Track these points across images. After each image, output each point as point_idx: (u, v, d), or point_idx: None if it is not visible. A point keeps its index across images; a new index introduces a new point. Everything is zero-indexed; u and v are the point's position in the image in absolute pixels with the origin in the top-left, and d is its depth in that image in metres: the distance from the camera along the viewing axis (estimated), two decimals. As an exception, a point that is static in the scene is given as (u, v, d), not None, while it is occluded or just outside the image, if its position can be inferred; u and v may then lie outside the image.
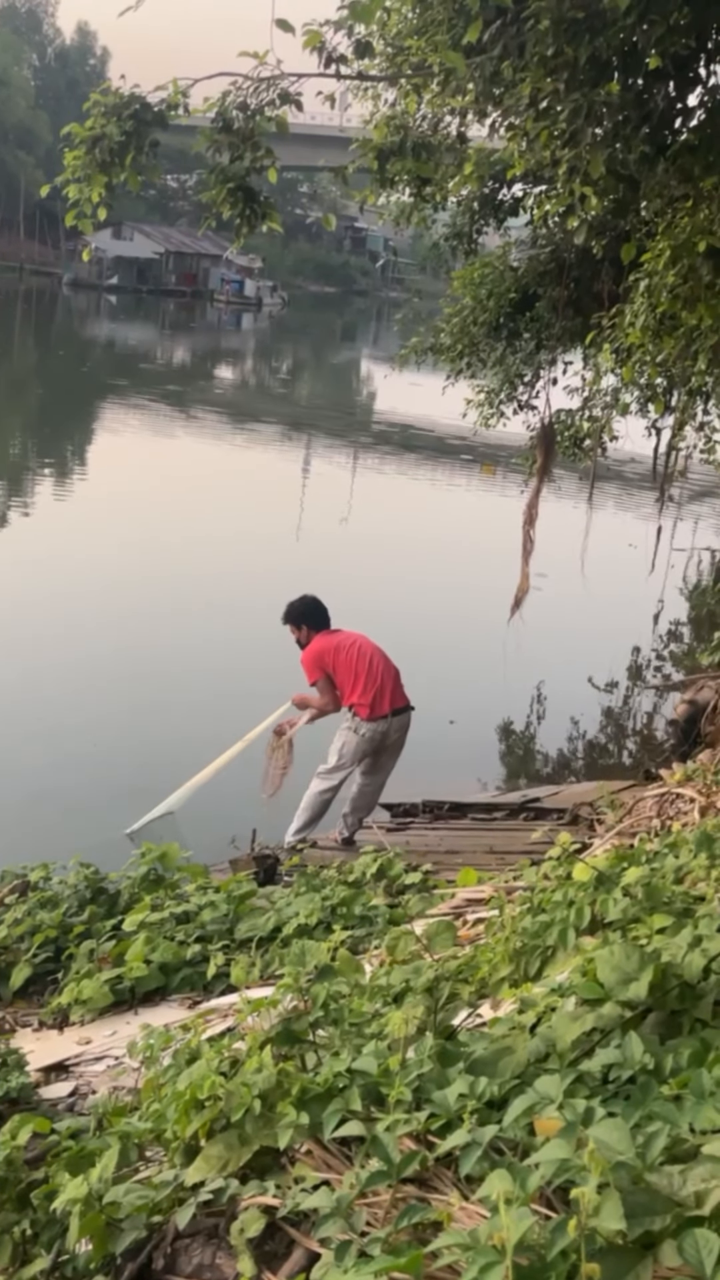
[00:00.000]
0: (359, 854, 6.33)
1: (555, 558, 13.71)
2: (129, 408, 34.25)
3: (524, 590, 11.41)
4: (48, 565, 16.30)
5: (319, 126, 37.17)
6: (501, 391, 12.57)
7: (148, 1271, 2.38)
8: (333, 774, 7.88)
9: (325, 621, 8.00)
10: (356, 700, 7.72)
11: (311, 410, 41.93)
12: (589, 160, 6.00)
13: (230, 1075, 2.67)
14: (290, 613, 8.05)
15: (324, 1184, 2.27)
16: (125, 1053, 4.03)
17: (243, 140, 6.03)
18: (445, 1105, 2.27)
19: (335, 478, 26.94)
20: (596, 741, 12.74)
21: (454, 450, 30.58)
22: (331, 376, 56.71)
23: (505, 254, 12.07)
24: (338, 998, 2.95)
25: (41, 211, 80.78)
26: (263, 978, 4.54)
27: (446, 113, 8.10)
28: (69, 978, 4.99)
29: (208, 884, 5.81)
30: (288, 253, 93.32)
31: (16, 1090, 3.98)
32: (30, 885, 5.80)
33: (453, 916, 4.64)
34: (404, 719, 7.89)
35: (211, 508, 21.22)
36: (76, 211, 6.19)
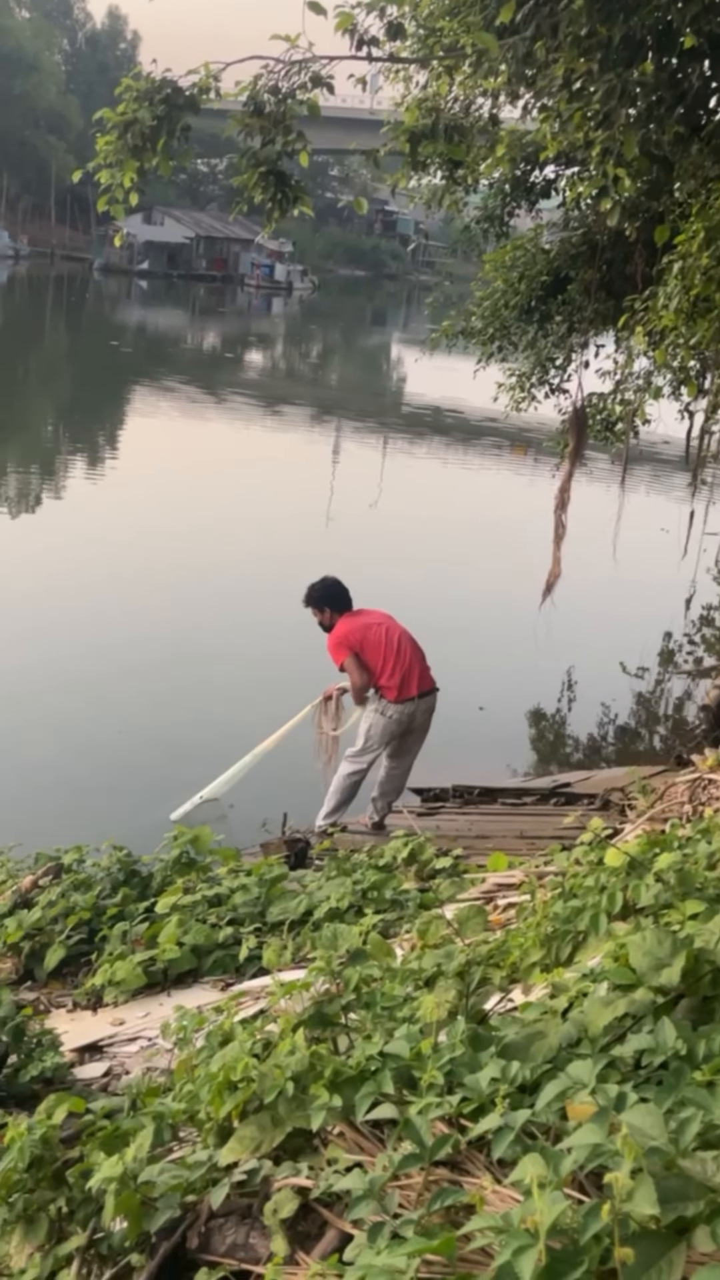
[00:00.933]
0: (389, 838, 6.33)
1: (587, 542, 13.64)
2: (160, 392, 34.31)
3: (555, 575, 11.36)
4: (79, 549, 16.39)
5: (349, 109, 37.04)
6: (533, 375, 12.50)
7: (182, 1250, 2.40)
8: (361, 756, 7.88)
9: (347, 603, 7.96)
10: (384, 682, 7.70)
11: (341, 394, 41.88)
12: (623, 141, 5.94)
13: (263, 1057, 2.69)
14: (311, 595, 7.99)
15: (356, 1166, 2.28)
16: (158, 1034, 4.07)
17: (274, 124, 6.01)
18: (477, 1089, 2.27)
19: (365, 461, 26.90)
20: (627, 727, 12.69)
21: (485, 434, 30.47)
22: (362, 360, 56.56)
23: (537, 236, 11.99)
24: (370, 981, 2.96)
25: (72, 197, 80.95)
26: (294, 961, 4.55)
27: (478, 94, 8.04)
28: (102, 959, 5.03)
29: (239, 867, 5.83)
30: (318, 236, 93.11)
31: (51, 1070, 4.03)
32: (64, 868, 5.85)
33: (483, 901, 4.64)
34: (430, 701, 7.87)
35: (241, 492, 21.27)
36: (109, 197, 6.19)
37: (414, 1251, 1.84)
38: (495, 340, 12.15)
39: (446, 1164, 2.16)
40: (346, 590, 7.99)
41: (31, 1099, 3.91)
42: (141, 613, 13.57)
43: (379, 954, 3.41)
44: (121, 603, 13.86)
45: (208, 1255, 2.37)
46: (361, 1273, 1.85)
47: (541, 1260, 1.63)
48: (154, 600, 14.06)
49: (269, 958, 4.55)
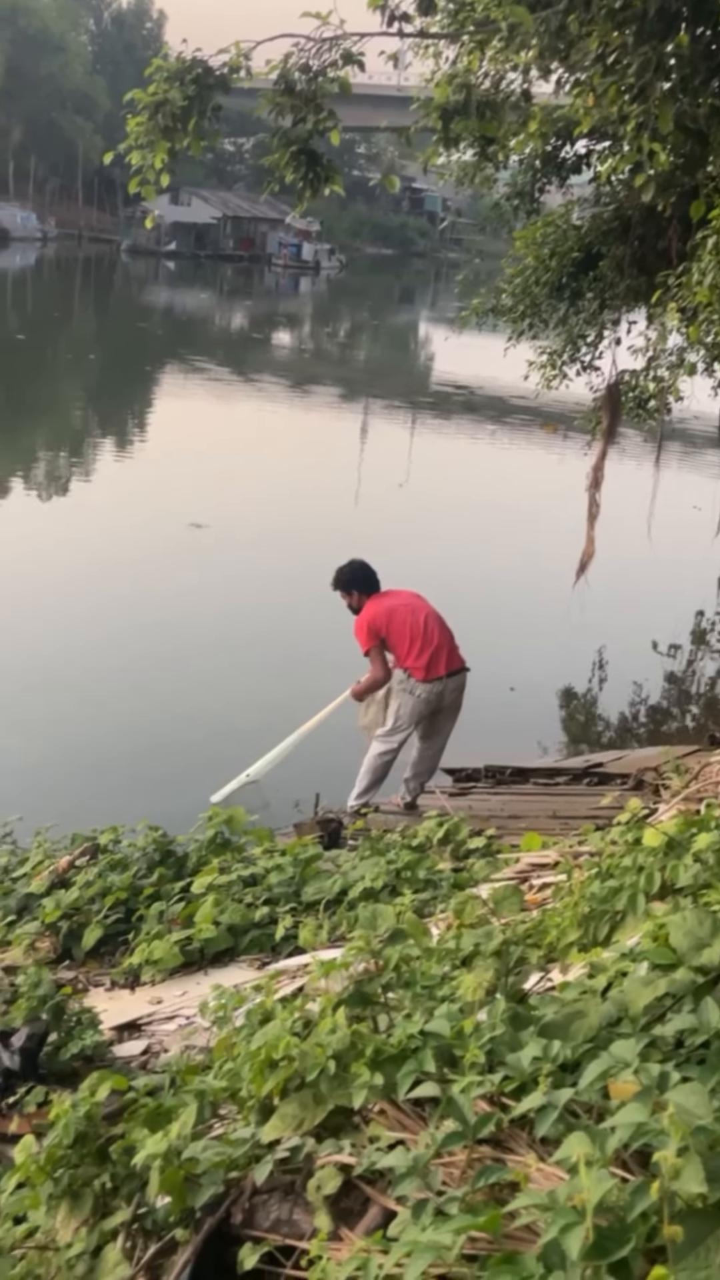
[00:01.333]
0: (422, 818, 6.34)
1: (620, 520, 13.58)
2: (188, 373, 34.35)
3: (590, 555, 11.31)
4: (109, 531, 16.45)
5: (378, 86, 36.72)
6: (564, 352, 12.43)
7: (226, 1225, 2.43)
8: (391, 736, 7.89)
9: (375, 585, 7.97)
10: (412, 663, 7.70)
11: (370, 373, 41.78)
12: (658, 115, 5.88)
13: (304, 1036, 2.71)
14: (339, 579, 8.03)
15: (399, 1144, 2.29)
16: (196, 1012, 4.11)
17: (305, 103, 5.98)
18: (519, 1068, 2.28)
19: (394, 440, 26.85)
20: (659, 706, 12.65)
21: (515, 412, 30.33)
22: (390, 339, 56.38)
23: (568, 212, 11.90)
24: (409, 960, 2.97)
25: (100, 178, 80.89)
26: (331, 940, 4.59)
27: (510, 69, 7.97)
28: (139, 939, 5.07)
29: (273, 848, 5.87)
30: (345, 215, 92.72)
31: (91, 1048, 4.07)
32: (100, 848, 5.89)
33: (518, 881, 4.66)
34: (460, 680, 7.86)
35: (270, 472, 21.27)
36: (140, 178, 6.19)
37: (460, 1228, 1.86)
38: (526, 318, 12.08)
39: (490, 1142, 2.17)
40: (373, 572, 8.00)
41: (72, 1076, 3.96)
42: (175, 593, 13.62)
43: (415, 934, 3.42)
44: (156, 583, 13.93)
45: (252, 1230, 2.39)
46: (408, 1248, 1.86)
47: (589, 1238, 1.64)
48: (187, 581, 14.11)
49: (305, 937, 4.58)
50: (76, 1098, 2.85)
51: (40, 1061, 3.95)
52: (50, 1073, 3.94)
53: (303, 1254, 2.25)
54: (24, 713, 10.01)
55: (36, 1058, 3.93)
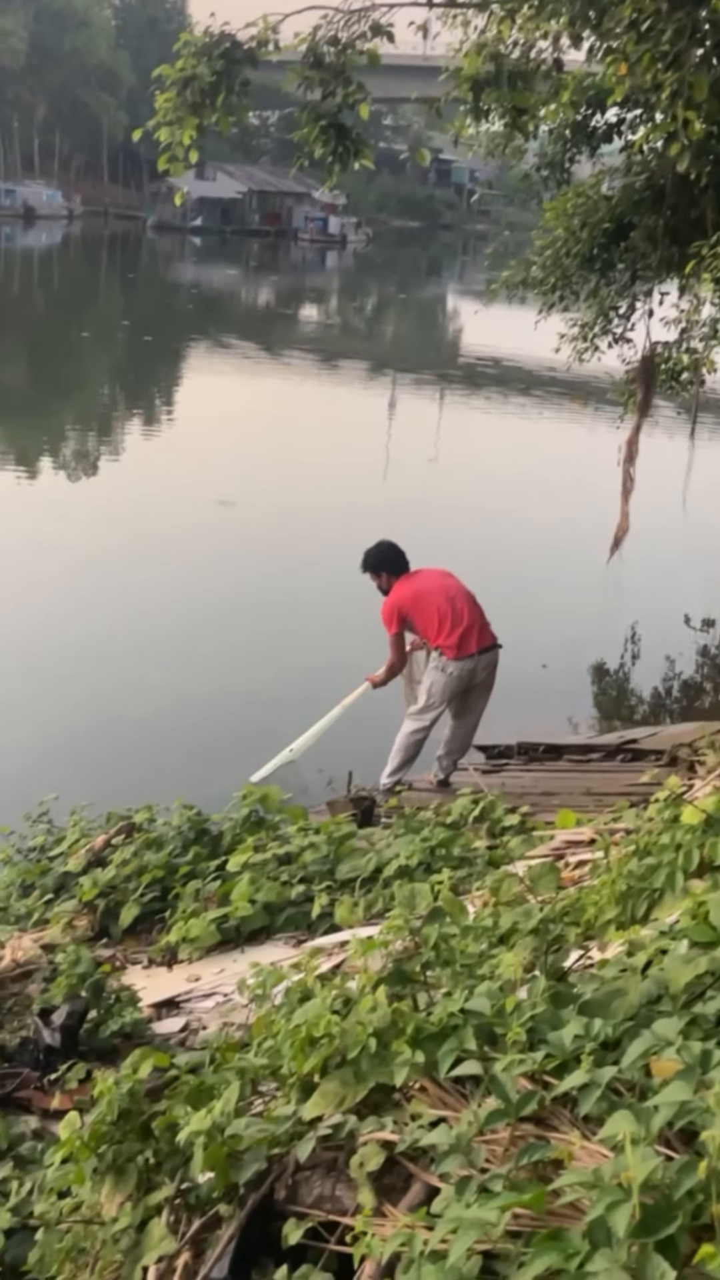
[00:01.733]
0: (455, 796, 6.35)
1: (654, 493, 13.49)
2: (215, 348, 34.34)
3: (624, 530, 11.24)
4: (140, 509, 16.49)
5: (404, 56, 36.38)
6: (595, 325, 12.32)
7: (270, 1201, 2.46)
8: (423, 714, 7.89)
9: (403, 565, 7.96)
10: (443, 641, 7.70)
11: (398, 347, 41.62)
12: (692, 83, 5.81)
13: (343, 1014, 2.73)
14: (367, 561, 8.03)
15: (441, 1121, 2.31)
16: (234, 989, 4.14)
17: (334, 76, 5.95)
18: (561, 1046, 2.29)
19: (423, 414, 26.77)
20: (693, 682, 12.59)
21: (546, 385, 30.14)
22: (418, 313, 56.09)
23: (599, 182, 11.77)
24: (447, 939, 2.98)
25: (124, 154, 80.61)
26: (367, 917, 4.61)
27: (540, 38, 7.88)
28: (176, 917, 5.10)
29: (308, 826, 5.89)
30: (371, 187, 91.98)
31: (131, 1025, 4.12)
32: (135, 827, 5.93)
33: (554, 859, 4.65)
34: (491, 657, 7.85)
35: (298, 448, 21.24)
36: (168, 155, 6.17)
37: (505, 1205, 1.87)
38: (556, 290, 11.97)
39: (532, 1120, 2.18)
40: (402, 553, 7.99)
41: (112, 1053, 4.01)
42: (204, 571, 13.65)
43: (452, 911, 3.43)
44: (186, 561, 13.96)
45: (295, 1206, 2.42)
46: (453, 1225, 1.88)
47: (635, 1215, 1.65)
48: (217, 558, 14.13)
49: (342, 914, 4.59)
50: (119, 1075, 2.89)
51: (80, 1038, 4.00)
52: (90, 1050, 3.99)
53: (346, 1230, 2.27)
54: (57, 691, 10.08)
55: (77, 1035, 3.98)
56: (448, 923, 3.14)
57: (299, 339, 39.58)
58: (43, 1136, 3.51)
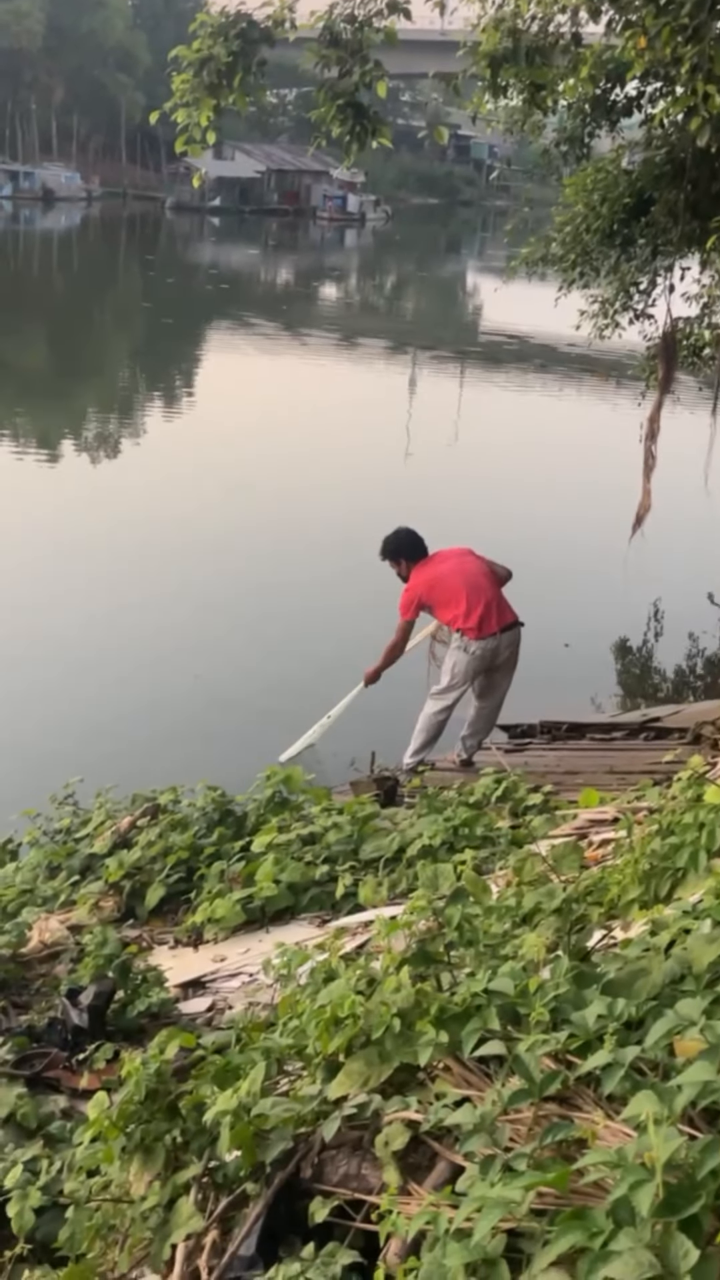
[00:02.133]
0: (478, 775, 6.36)
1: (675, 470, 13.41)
2: (235, 328, 34.31)
3: (646, 508, 11.17)
4: (159, 491, 16.50)
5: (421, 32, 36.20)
6: (616, 301, 12.26)
7: (296, 1179, 2.48)
8: (445, 694, 7.88)
9: (421, 551, 7.94)
10: (464, 623, 7.67)
11: (418, 325, 41.45)
12: (713, 56, 5.74)
13: (368, 994, 2.74)
14: (386, 549, 8.02)
15: (465, 1101, 2.32)
16: (259, 970, 4.16)
17: (351, 54, 5.91)
18: (584, 1026, 2.30)
19: (443, 393, 26.66)
20: (716, 659, 12.55)
21: (566, 362, 29.99)
22: (438, 290, 55.87)
23: (619, 157, 11.67)
24: (470, 919, 2.99)
25: (142, 135, 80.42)
26: (391, 897, 4.62)
27: (558, 12, 7.80)
28: (201, 897, 5.14)
29: (331, 806, 5.91)
30: (390, 165, 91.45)
31: (158, 1005, 4.15)
32: (160, 808, 5.97)
33: (577, 838, 4.65)
34: (514, 635, 7.82)
35: (319, 427, 21.21)
36: (186, 136, 6.15)
37: (529, 1184, 1.88)
38: (577, 266, 11.91)
39: (556, 1099, 2.19)
40: (420, 540, 7.97)
41: (139, 1033, 4.04)
42: (223, 553, 13.66)
43: (476, 892, 3.44)
44: (205, 542, 13.97)
45: (321, 1185, 2.44)
46: (477, 1203, 1.90)
47: (659, 1194, 1.66)
48: (236, 540, 14.14)
49: (366, 894, 4.62)
50: (146, 1055, 2.91)
51: (108, 1019, 4.03)
52: (118, 1029, 4.02)
53: (372, 1208, 2.29)
54: (80, 674, 10.12)
55: (104, 1015, 4.01)
56: (471, 903, 3.15)
57: (318, 318, 39.47)
58: (71, 1116, 3.55)
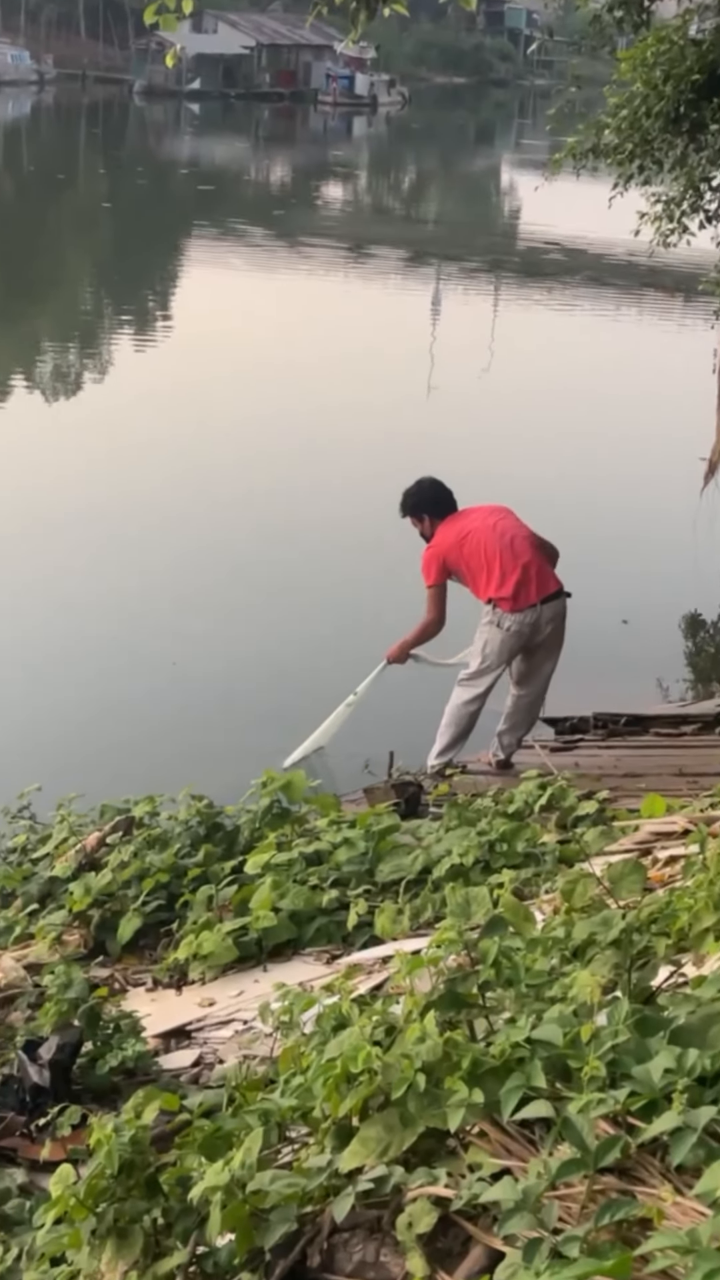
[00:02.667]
0: (519, 779, 6.38)
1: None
2: (221, 238, 34.27)
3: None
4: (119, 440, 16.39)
5: None
6: (683, 200, 12.19)
7: (302, 1268, 2.49)
8: (477, 680, 7.87)
9: (449, 506, 7.93)
10: (496, 591, 7.65)
11: (442, 232, 41.37)
12: None
13: (386, 1045, 2.75)
14: (406, 503, 8.03)
15: (504, 1173, 2.33)
16: (255, 1016, 4.18)
17: None
18: (648, 1082, 2.31)
19: (473, 314, 26.61)
20: None
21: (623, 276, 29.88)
22: (465, 189, 55.70)
23: (685, 24, 11.60)
24: (510, 954, 3.00)
25: (105, 5, 79.98)
26: (413, 928, 4.64)
27: None
28: (185, 929, 5.16)
29: (341, 818, 5.92)
30: (407, 38, 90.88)
31: (133, 1059, 4.17)
32: (135, 822, 5.98)
33: (639, 854, 4.67)
34: (557, 606, 7.79)
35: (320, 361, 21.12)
36: (158, 5, 6.10)
37: (582, 1273, 1.89)
38: (635, 158, 11.84)
39: (614, 1171, 2.20)
40: (447, 492, 7.96)
41: (111, 1093, 4.07)
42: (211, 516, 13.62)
43: (517, 920, 3.45)
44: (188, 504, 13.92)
45: (332, 1275, 2.46)
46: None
47: (739, 1286, 1.67)
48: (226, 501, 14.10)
49: (383, 925, 4.65)
50: (120, 1120, 2.93)
51: (74, 1076, 4.05)
52: (86, 1089, 4.05)
53: (394, 1302, 2.31)
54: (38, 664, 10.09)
55: (69, 1071, 4.03)
56: (510, 934, 3.16)
57: (321, 225, 39.37)
58: (31, 1193, 3.57)
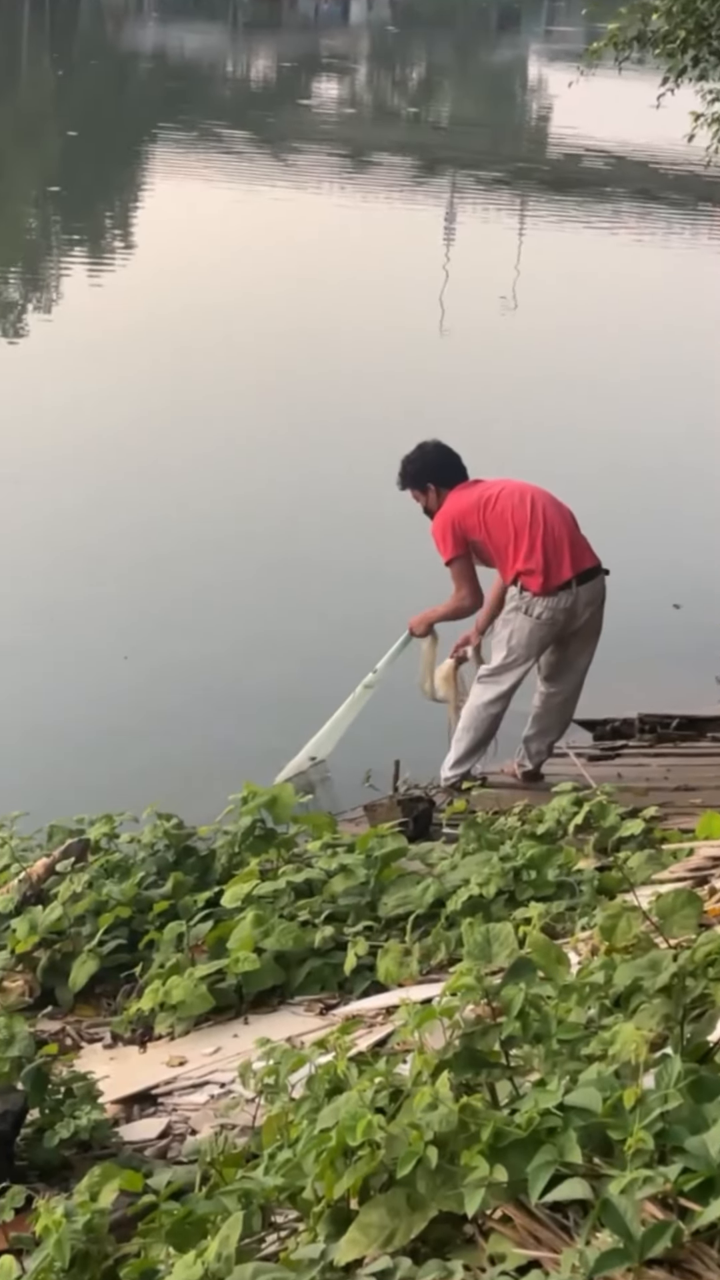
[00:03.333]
0: (550, 794, 6.39)
1: None
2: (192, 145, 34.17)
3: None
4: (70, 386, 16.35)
5: None
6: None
7: None
8: (501, 675, 7.85)
9: (458, 474, 7.89)
10: (523, 565, 7.61)
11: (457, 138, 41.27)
12: None
13: (391, 1113, 2.76)
14: (406, 472, 7.96)
15: (533, 1266, 2.34)
16: (235, 1078, 4.19)
17: None
18: (705, 1156, 2.31)
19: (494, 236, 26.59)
20: None
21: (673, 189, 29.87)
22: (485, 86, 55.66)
23: None
24: (539, 1003, 3.01)
25: None
26: (423, 972, 4.65)
27: None
28: (151, 974, 5.16)
29: (337, 841, 5.93)
30: None
31: (88, 1130, 4.16)
32: (91, 845, 5.98)
33: (693, 884, 4.68)
34: (595, 588, 7.76)
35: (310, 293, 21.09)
36: None
37: None
38: (688, 49, 11.87)
39: (663, 1263, 2.21)
40: (455, 457, 7.92)
41: (62, 1169, 4.07)
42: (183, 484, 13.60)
43: (547, 962, 3.46)
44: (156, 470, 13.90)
45: None
46: None
47: None
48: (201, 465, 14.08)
49: (387, 968, 4.66)
50: (72, 1202, 2.94)
51: (17, 1150, 4.06)
52: (32, 1165, 4.05)
53: None
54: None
55: (12, 1144, 4.03)
56: (540, 979, 3.17)
57: (312, 128, 39.30)
58: (-34, 1289, 3.58)
